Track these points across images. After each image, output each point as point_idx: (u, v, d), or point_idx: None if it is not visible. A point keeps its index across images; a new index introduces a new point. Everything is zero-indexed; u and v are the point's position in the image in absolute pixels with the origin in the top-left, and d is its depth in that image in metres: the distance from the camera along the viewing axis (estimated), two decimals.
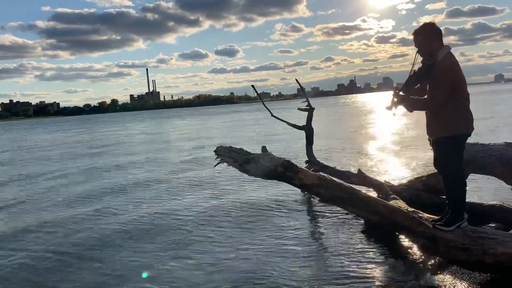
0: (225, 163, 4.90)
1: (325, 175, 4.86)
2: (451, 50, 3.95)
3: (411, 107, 3.98)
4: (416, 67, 4.00)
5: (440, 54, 3.88)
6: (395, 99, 3.94)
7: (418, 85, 4.07)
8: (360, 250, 4.72)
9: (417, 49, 3.99)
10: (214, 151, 5.06)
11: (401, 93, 3.95)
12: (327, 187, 4.39)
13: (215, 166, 5.04)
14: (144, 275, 4.46)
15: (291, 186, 4.79)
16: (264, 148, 4.88)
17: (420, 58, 3.97)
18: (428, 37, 3.91)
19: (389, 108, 3.96)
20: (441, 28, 4.05)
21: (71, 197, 8.71)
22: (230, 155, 4.85)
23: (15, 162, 16.74)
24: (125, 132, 34.45)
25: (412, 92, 4.06)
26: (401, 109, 4.03)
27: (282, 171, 4.46)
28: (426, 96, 4.00)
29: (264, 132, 22.50)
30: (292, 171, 4.46)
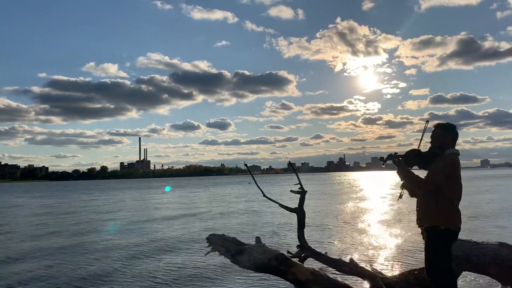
0: (217, 252, 4.77)
1: (319, 270, 4.75)
2: (458, 156, 4.27)
3: (403, 175, 4.19)
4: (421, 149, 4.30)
5: (448, 151, 4.23)
6: (391, 159, 4.19)
7: (416, 167, 4.29)
8: None
9: (430, 137, 4.35)
10: (206, 238, 4.94)
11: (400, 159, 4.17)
12: (321, 284, 4.28)
13: (206, 254, 4.91)
14: None
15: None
16: (258, 239, 4.79)
17: (424, 142, 4.32)
18: (446, 133, 4.32)
19: (383, 162, 4.25)
20: (427, 113, 4.47)
21: None
22: (222, 244, 4.74)
23: None
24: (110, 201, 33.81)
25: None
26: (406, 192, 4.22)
27: (276, 264, 4.36)
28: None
29: (254, 208, 22.25)
30: (286, 265, 4.36)
